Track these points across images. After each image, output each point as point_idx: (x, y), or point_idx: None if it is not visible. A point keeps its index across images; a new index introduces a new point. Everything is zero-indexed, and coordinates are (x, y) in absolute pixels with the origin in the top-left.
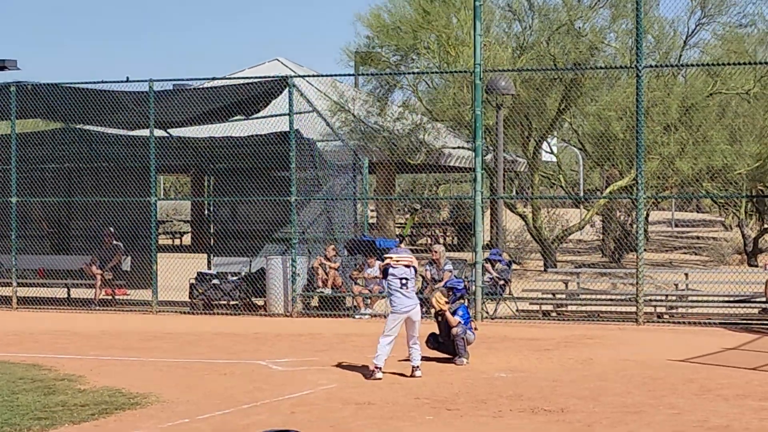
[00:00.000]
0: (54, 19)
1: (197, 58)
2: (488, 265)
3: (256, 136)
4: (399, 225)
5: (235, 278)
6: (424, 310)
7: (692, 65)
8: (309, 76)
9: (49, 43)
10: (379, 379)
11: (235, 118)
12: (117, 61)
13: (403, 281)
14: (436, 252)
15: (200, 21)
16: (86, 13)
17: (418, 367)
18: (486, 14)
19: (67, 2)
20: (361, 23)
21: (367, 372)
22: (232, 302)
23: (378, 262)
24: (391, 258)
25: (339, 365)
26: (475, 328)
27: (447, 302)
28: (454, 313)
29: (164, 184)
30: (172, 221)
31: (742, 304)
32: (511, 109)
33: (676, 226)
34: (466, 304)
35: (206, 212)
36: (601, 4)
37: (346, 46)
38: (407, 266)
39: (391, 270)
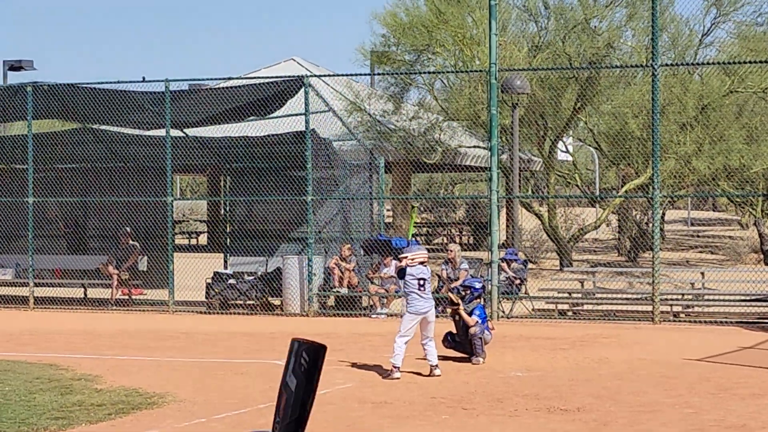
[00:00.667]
0: (70, 19)
1: (213, 58)
2: (504, 265)
3: (273, 135)
4: (415, 224)
5: (251, 278)
6: (440, 309)
7: (708, 63)
8: (325, 75)
9: (66, 44)
10: (397, 378)
11: (251, 117)
12: (133, 61)
13: (421, 281)
14: (451, 251)
15: (216, 21)
16: (102, 14)
17: (436, 365)
18: (502, 14)
19: (83, 2)
20: (378, 22)
21: (383, 371)
22: (248, 302)
23: (394, 262)
24: (406, 257)
25: (355, 365)
26: (492, 328)
27: (462, 302)
28: (470, 313)
29: (180, 183)
30: (188, 221)
31: (758, 303)
32: (526, 108)
33: (692, 224)
34: (483, 303)
35: (222, 212)
36: (617, 2)
37: (362, 45)
38: (423, 263)
39: (408, 270)
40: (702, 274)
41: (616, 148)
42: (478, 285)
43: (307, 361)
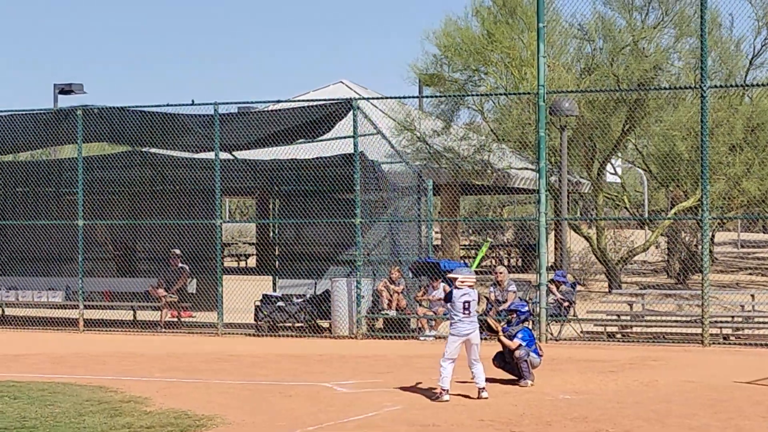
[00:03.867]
0: (120, 42)
1: (262, 81)
2: (553, 287)
3: (321, 158)
4: (464, 247)
5: (300, 300)
6: (485, 333)
7: (759, 85)
8: (373, 98)
9: (115, 67)
10: (446, 401)
11: (300, 140)
12: (182, 84)
13: (466, 304)
14: (499, 273)
15: (265, 44)
16: (151, 37)
17: (484, 388)
18: (557, 35)
19: (132, 26)
20: (429, 41)
21: (432, 394)
22: (297, 324)
23: (443, 284)
24: (457, 278)
25: (403, 387)
26: (541, 352)
27: (509, 324)
28: (513, 336)
29: (229, 206)
30: (237, 243)
31: None
32: (575, 130)
33: (743, 246)
34: (530, 327)
35: (271, 234)
36: (665, 23)
37: (414, 62)
38: (471, 287)
39: (455, 292)
40: (752, 296)
41: (665, 169)
42: (524, 309)
43: None
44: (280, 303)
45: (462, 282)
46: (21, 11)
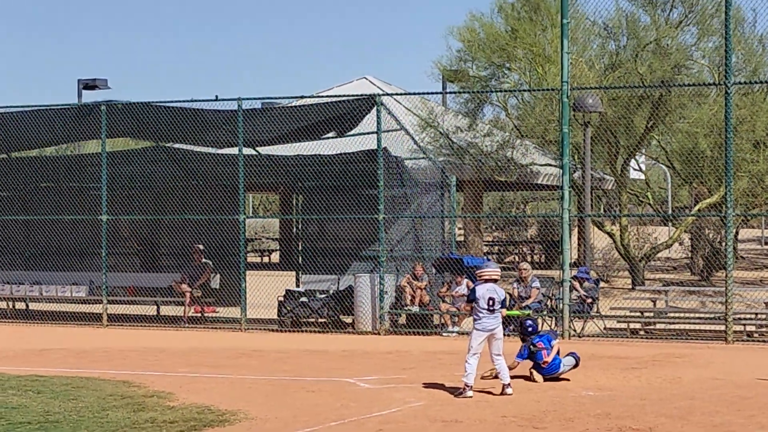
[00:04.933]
0: (144, 38)
1: (286, 77)
2: (576, 283)
3: (345, 154)
4: (486, 243)
5: (323, 296)
6: (510, 328)
7: None
8: (397, 94)
9: (139, 63)
10: (470, 397)
11: (324, 136)
12: (206, 79)
13: (491, 302)
14: (523, 270)
15: (289, 39)
16: (175, 32)
17: (508, 384)
18: (580, 32)
19: (157, 22)
20: (453, 37)
21: (455, 390)
22: (320, 320)
23: (466, 280)
24: (481, 274)
25: (426, 383)
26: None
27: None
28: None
29: (253, 202)
30: (260, 239)
31: None
32: (598, 126)
33: (766, 243)
34: (548, 334)
35: (294, 230)
36: (688, 21)
37: (438, 60)
38: (495, 281)
39: (479, 289)
40: None
41: (689, 166)
42: (527, 324)
43: None
44: (304, 298)
45: (480, 276)
46: (46, 8)
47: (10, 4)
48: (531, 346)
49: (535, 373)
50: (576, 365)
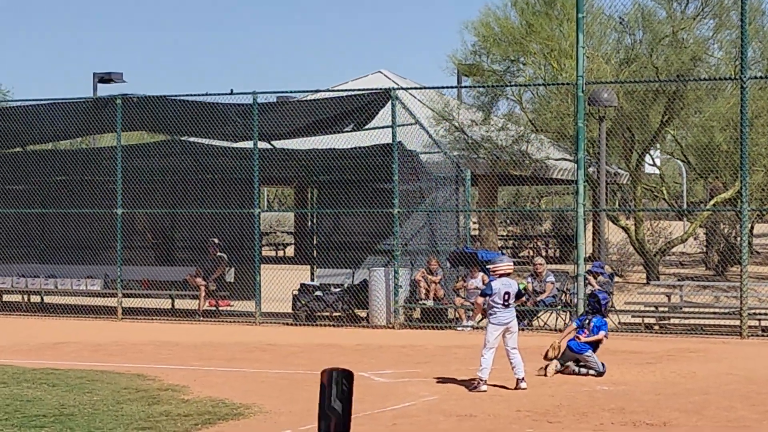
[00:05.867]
0: (159, 32)
1: (301, 71)
2: (590, 278)
3: (359, 148)
4: (501, 237)
5: (337, 290)
6: (525, 322)
7: None
8: (412, 88)
9: (155, 56)
10: (484, 391)
11: (339, 130)
12: (221, 73)
13: (506, 296)
14: (538, 264)
15: (304, 33)
16: (190, 26)
17: (523, 378)
18: (596, 26)
19: (172, 16)
20: (468, 31)
21: (469, 384)
22: (334, 314)
23: (481, 274)
24: (495, 269)
25: (441, 377)
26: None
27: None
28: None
29: (268, 195)
30: (275, 233)
31: None
32: (613, 121)
33: None
34: (605, 326)
35: (309, 224)
36: (704, 14)
37: (453, 53)
38: (508, 275)
39: (494, 283)
40: None
41: (704, 161)
42: (601, 296)
43: (346, 387)
44: (318, 292)
45: (494, 271)
46: (62, 1)
47: None
48: (587, 320)
49: (551, 365)
50: (596, 375)
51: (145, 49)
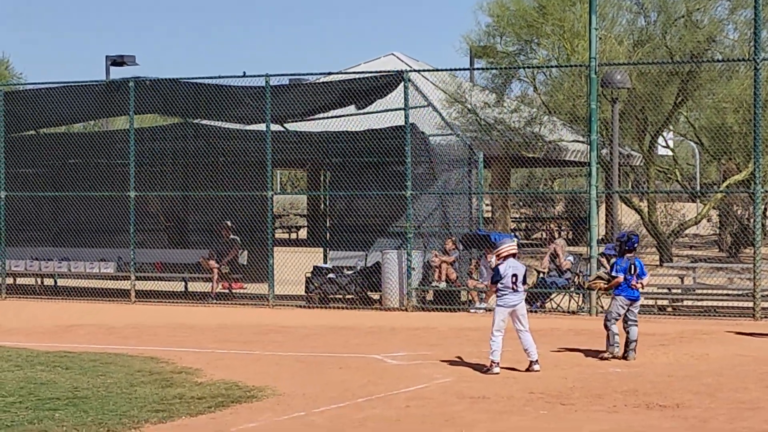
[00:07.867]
0: (172, 14)
1: (313, 53)
2: (603, 260)
3: (372, 130)
4: (514, 219)
5: (350, 272)
6: (537, 304)
7: None
8: (424, 70)
9: (167, 39)
10: (497, 373)
11: (351, 112)
12: (234, 55)
13: (514, 278)
14: (558, 246)
15: (317, 15)
16: (203, 8)
17: (536, 361)
18: (609, 7)
19: None
20: (483, 12)
21: (482, 366)
22: (347, 296)
23: (494, 258)
24: (499, 251)
25: (454, 359)
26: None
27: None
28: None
29: (280, 178)
30: (288, 215)
31: None
32: (626, 102)
33: None
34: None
35: (322, 206)
36: None
37: (467, 34)
38: (514, 255)
39: (501, 267)
40: None
41: (717, 142)
42: (635, 239)
43: None
44: (331, 275)
45: (498, 255)
46: None
47: None
48: (632, 265)
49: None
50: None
51: (157, 32)
